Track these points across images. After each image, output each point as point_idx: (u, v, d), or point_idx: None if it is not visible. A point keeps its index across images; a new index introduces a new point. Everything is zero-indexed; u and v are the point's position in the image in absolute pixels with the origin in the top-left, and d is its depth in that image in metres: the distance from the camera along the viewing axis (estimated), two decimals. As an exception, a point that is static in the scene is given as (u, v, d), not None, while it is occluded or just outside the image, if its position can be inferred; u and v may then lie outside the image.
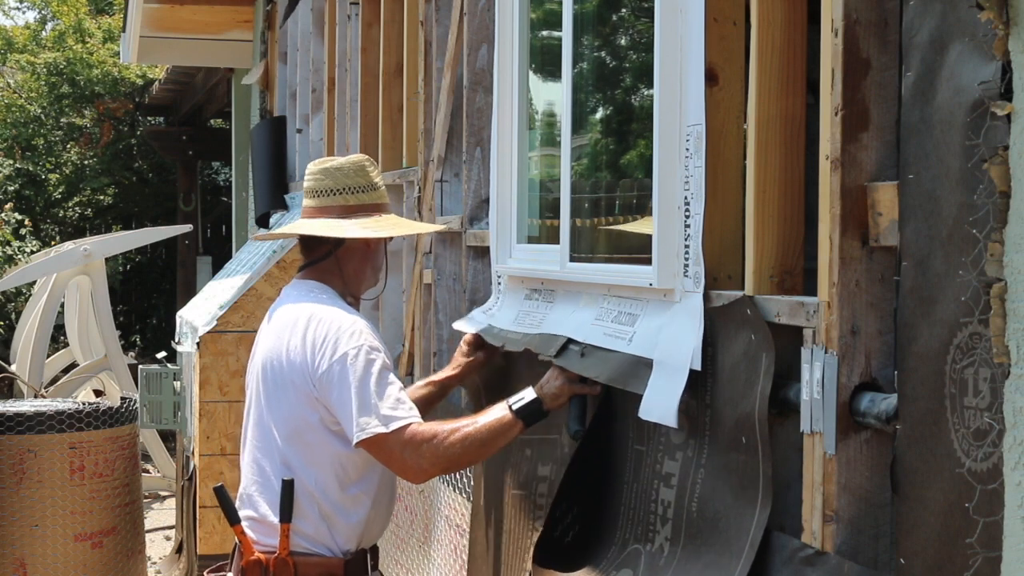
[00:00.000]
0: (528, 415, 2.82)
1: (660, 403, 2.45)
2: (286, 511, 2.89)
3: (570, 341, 2.90)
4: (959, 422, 1.69)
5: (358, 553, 2.98)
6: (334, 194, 3.05)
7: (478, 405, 3.41)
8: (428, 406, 3.23)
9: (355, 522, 2.94)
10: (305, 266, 3.11)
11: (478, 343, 3.36)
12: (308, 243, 3.10)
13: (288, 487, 2.89)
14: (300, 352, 2.89)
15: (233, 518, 3.00)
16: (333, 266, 3.07)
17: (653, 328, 2.57)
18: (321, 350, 2.85)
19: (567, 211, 3.05)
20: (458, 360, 3.36)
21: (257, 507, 2.95)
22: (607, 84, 3.32)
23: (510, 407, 2.82)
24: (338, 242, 3.05)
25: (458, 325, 3.63)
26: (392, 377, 2.86)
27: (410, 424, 2.78)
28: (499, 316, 3.45)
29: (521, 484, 3.25)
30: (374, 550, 3.07)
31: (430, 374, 4.26)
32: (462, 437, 2.79)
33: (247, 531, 2.96)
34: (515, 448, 3.26)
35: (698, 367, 2.37)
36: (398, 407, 2.80)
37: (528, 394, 2.84)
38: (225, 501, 3.04)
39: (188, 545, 6.43)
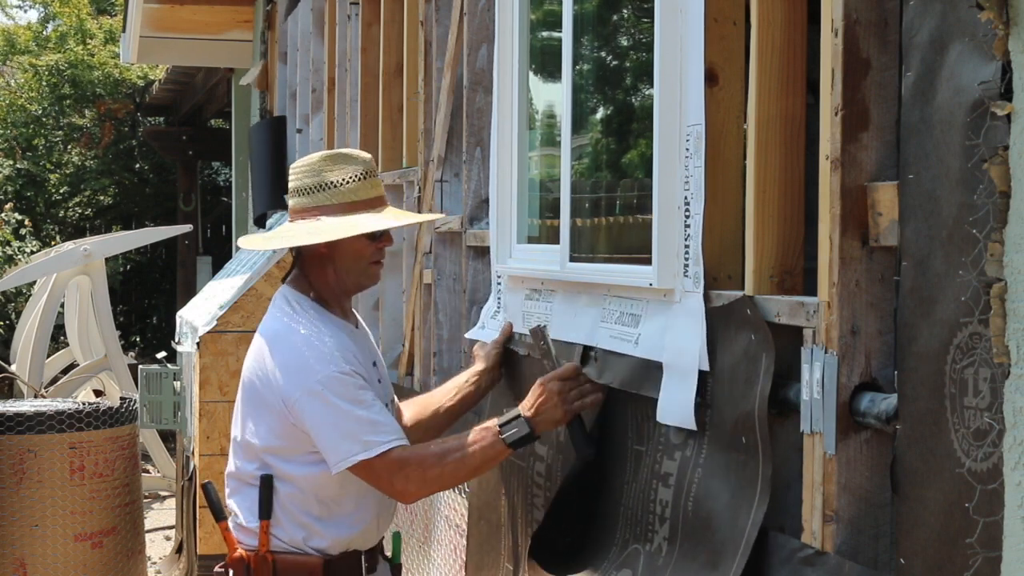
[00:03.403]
0: (516, 442, 2.77)
1: (676, 406, 2.45)
2: (265, 508, 2.87)
3: (586, 348, 2.88)
4: (959, 422, 1.69)
5: (347, 555, 2.93)
6: (303, 195, 2.91)
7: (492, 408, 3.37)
8: (466, 407, 3.20)
9: (338, 531, 2.90)
10: (287, 275, 3.04)
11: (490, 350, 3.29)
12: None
13: (266, 482, 2.87)
14: (273, 376, 2.83)
15: (219, 515, 3.03)
16: (302, 274, 2.98)
17: (657, 329, 2.57)
18: (290, 376, 2.79)
19: (567, 211, 3.04)
20: (478, 365, 3.27)
21: (237, 514, 2.95)
22: (607, 84, 3.31)
23: (500, 433, 2.76)
24: (299, 249, 2.96)
25: (472, 334, 3.62)
26: (368, 397, 2.79)
27: (393, 449, 2.75)
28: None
29: (519, 456, 3.19)
30: (372, 552, 3.01)
31: (430, 374, 4.26)
32: (449, 461, 2.76)
33: (232, 530, 2.96)
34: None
35: (706, 367, 2.37)
36: (378, 430, 2.75)
37: (519, 420, 2.76)
38: (212, 498, 3.09)
39: (188, 545, 6.43)
